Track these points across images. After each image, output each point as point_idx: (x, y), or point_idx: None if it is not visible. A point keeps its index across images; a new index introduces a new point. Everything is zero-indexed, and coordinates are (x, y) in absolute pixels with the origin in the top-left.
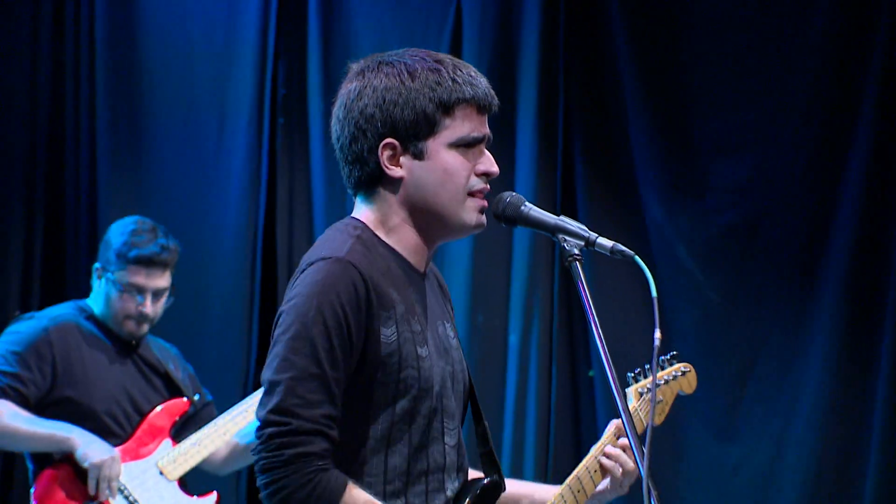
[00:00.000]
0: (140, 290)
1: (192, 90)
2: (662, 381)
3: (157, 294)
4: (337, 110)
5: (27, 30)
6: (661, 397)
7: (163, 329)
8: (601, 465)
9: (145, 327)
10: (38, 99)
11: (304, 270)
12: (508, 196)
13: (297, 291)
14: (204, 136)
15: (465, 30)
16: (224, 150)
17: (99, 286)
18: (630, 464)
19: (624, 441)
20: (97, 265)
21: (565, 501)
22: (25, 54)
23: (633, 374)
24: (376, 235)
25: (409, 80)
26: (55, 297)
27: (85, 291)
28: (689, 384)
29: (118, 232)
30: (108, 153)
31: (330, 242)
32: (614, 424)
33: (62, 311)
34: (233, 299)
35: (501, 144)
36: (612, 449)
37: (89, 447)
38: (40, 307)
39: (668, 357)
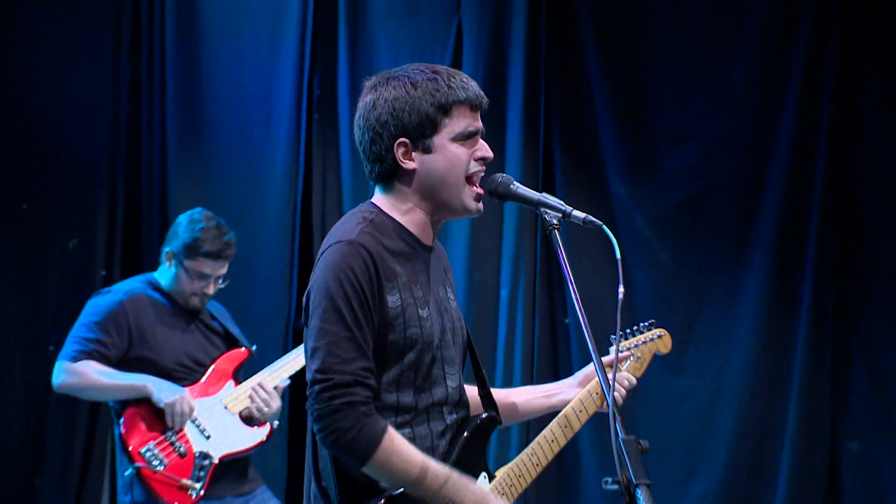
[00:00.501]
0: (206, 277)
1: (244, 94)
2: (642, 342)
3: (217, 279)
4: (357, 119)
5: (110, 44)
6: (640, 355)
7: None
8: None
9: (206, 302)
10: (119, 100)
11: (323, 252)
12: (500, 177)
13: (321, 272)
14: (253, 131)
15: (464, 42)
16: (269, 141)
17: (169, 267)
18: (630, 378)
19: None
20: (168, 249)
21: (554, 435)
22: (108, 64)
23: (615, 337)
24: (391, 217)
25: (413, 89)
26: (132, 267)
27: (155, 264)
28: (664, 345)
29: (189, 227)
30: (177, 145)
31: (343, 228)
32: (578, 397)
33: (133, 285)
34: (276, 263)
35: (494, 135)
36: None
37: (162, 390)
38: (122, 276)
39: (648, 323)
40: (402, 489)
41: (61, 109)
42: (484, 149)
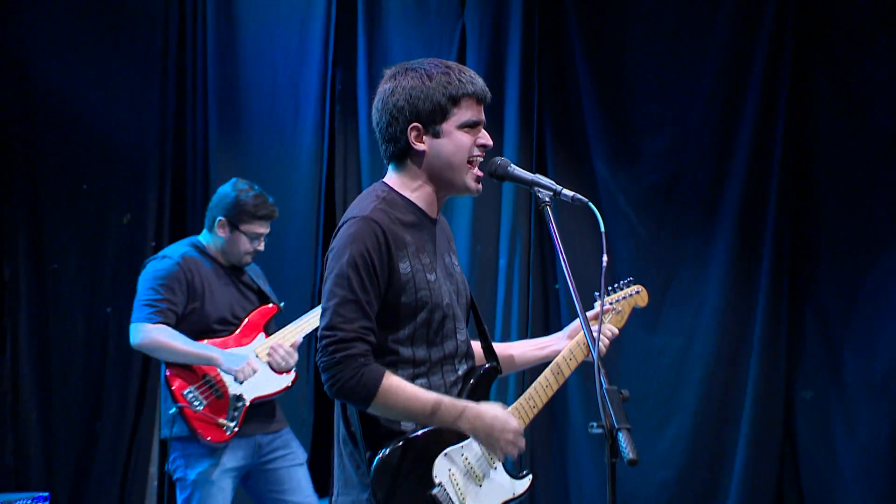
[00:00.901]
0: (259, 237)
1: (276, 88)
2: (622, 298)
3: (264, 237)
4: (376, 104)
5: (159, 46)
6: (620, 309)
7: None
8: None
9: (254, 260)
10: (167, 95)
11: (341, 226)
12: (499, 160)
13: (337, 243)
14: (283, 120)
15: (467, 42)
16: (297, 129)
17: (222, 233)
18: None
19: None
20: (220, 217)
21: (548, 381)
22: (158, 64)
23: (599, 293)
24: (400, 194)
25: (428, 80)
26: (178, 239)
27: (197, 230)
28: (642, 299)
29: (241, 196)
30: (217, 133)
31: (359, 205)
32: (569, 347)
33: (184, 248)
34: (304, 233)
35: (493, 124)
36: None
37: (230, 361)
38: (170, 241)
39: (627, 281)
40: (421, 432)
41: (117, 103)
42: (485, 137)
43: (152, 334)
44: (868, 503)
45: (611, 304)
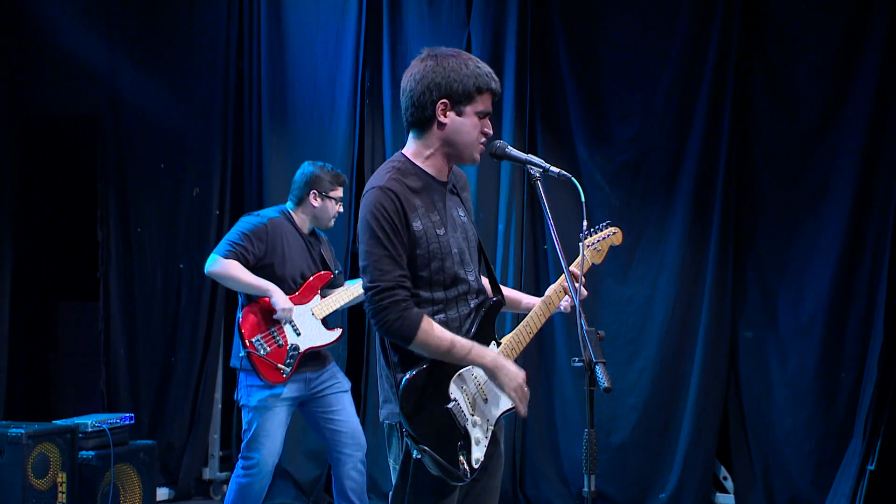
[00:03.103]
0: (340, 200)
1: (317, 85)
2: (602, 238)
3: (341, 201)
4: (415, 74)
5: (221, 53)
6: (600, 248)
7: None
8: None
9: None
10: (228, 90)
11: (363, 196)
12: (498, 143)
13: (362, 211)
14: (322, 111)
15: (472, 47)
16: (334, 118)
17: (316, 202)
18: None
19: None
20: (313, 191)
21: (541, 311)
22: (220, 68)
23: (582, 234)
24: (413, 163)
25: (465, 68)
26: (238, 209)
27: (252, 202)
28: (617, 238)
29: (322, 172)
30: (268, 121)
31: (377, 177)
32: (558, 283)
33: (274, 213)
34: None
35: (494, 113)
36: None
37: (279, 297)
38: (231, 216)
39: (606, 223)
40: (438, 358)
41: (188, 100)
42: (489, 126)
43: (224, 264)
44: (796, 423)
45: (592, 243)
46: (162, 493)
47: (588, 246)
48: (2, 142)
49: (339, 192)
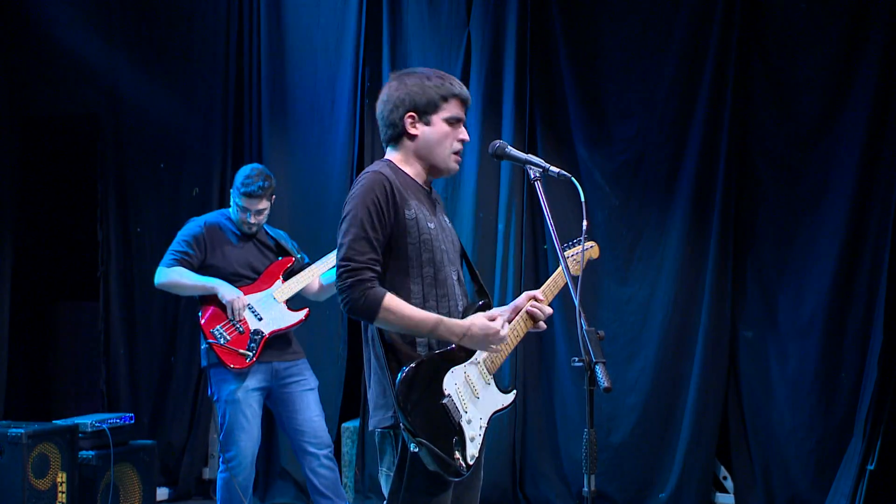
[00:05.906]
0: (248, 210)
1: (317, 84)
2: (580, 252)
3: (258, 212)
4: (382, 96)
5: (221, 53)
6: (578, 259)
7: (299, 223)
8: (529, 315)
9: (254, 228)
10: (228, 90)
11: (359, 177)
12: (498, 143)
13: (353, 192)
14: (322, 111)
15: (472, 47)
16: (334, 118)
17: (232, 203)
18: (547, 310)
19: (537, 296)
20: (231, 191)
21: (517, 327)
22: (220, 67)
23: (565, 245)
24: (400, 169)
25: (427, 81)
26: None
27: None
28: (594, 253)
29: (240, 175)
30: (268, 121)
31: (371, 167)
32: (525, 296)
33: (213, 217)
34: (339, 202)
35: (493, 113)
36: (531, 307)
37: (224, 290)
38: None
39: (583, 237)
40: (429, 355)
41: (188, 100)
42: (464, 133)
43: (168, 274)
44: (795, 422)
45: (572, 256)
46: (162, 493)
47: (569, 258)
48: (2, 142)
49: (245, 203)
